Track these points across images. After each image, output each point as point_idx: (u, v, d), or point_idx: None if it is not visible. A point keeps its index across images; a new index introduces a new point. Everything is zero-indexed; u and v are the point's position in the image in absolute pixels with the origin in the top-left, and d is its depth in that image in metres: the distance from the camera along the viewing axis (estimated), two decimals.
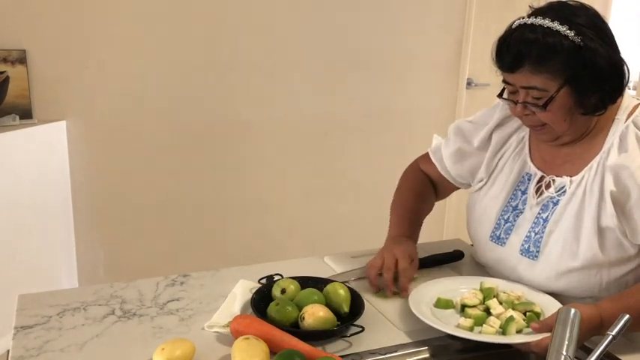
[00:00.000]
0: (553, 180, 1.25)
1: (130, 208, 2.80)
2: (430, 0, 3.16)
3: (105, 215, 2.76)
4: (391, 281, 1.26)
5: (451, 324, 1.12)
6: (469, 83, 3.52)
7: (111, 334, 1.09)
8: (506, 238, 1.28)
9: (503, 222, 1.30)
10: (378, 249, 1.39)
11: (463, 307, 1.17)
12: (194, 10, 2.70)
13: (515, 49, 1.13)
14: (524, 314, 1.13)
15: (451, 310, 1.19)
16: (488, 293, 1.20)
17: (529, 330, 1.08)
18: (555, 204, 1.23)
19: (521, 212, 1.28)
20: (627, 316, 0.79)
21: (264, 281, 1.25)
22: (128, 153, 2.74)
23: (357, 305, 1.15)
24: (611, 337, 0.78)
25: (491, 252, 1.33)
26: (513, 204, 1.30)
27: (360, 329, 1.08)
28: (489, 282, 1.25)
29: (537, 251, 1.22)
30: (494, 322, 1.11)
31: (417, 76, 3.26)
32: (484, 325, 1.11)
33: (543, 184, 1.26)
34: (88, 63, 2.58)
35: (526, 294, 1.22)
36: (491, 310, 1.14)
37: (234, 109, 2.89)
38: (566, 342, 0.78)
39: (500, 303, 1.17)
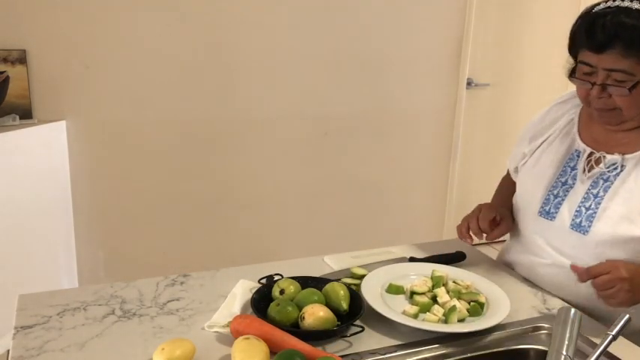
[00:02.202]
0: (604, 156, 1.26)
1: (130, 208, 2.80)
2: (430, 0, 3.16)
3: (105, 215, 2.76)
4: (476, 229, 1.37)
5: (399, 310, 1.15)
6: (469, 83, 3.52)
7: (111, 334, 1.08)
8: (556, 213, 1.30)
9: (552, 197, 1.32)
10: (378, 248, 1.39)
11: (412, 293, 1.21)
12: (194, 9, 2.70)
13: (612, 31, 1.13)
14: (469, 304, 1.17)
15: (401, 296, 1.22)
16: (437, 281, 1.24)
17: (471, 319, 1.14)
18: (606, 180, 1.24)
19: (572, 187, 1.29)
20: (627, 316, 0.79)
21: (264, 281, 1.25)
22: (128, 153, 2.75)
23: (356, 305, 1.15)
24: (610, 336, 0.77)
25: (539, 227, 1.33)
26: (562, 179, 1.32)
27: (360, 329, 1.08)
28: (440, 270, 1.29)
29: (589, 226, 1.23)
30: (437, 311, 1.15)
31: (417, 76, 3.26)
32: (427, 313, 1.15)
33: (593, 159, 1.28)
34: (88, 63, 2.59)
35: (475, 283, 1.26)
36: (438, 299, 1.18)
37: (234, 109, 2.89)
38: (566, 342, 0.78)
39: (448, 292, 1.20)
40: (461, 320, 1.14)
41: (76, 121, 2.62)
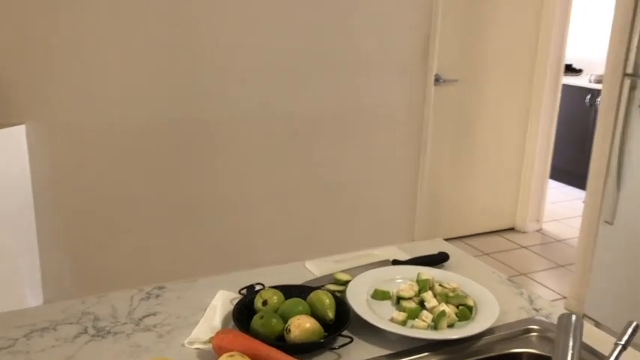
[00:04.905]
0: None
1: (97, 215, 2.70)
2: None
3: (70, 222, 2.66)
4: None
5: (386, 317, 1.12)
6: (437, 79, 3.53)
7: (84, 355, 1.02)
8: None
9: None
10: (354, 248, 1.34)
11: (399, 299, 1.18)
12: (160, 9, 2.61)
13: None
14: (458, 307, 1.15)
15: (388, 302, 1.19)
16: (423, 285, 1.21)
17: (461, 324, 1.11)
18: None
19: None
20: (635, 323, 0.76)
21: (244, 292, 1.20)
22: (92, 156, 2.65)
23: (342, 313, 1.11)
24: (620, 346, 0.75)
25: None
26: None
27: (349, 340, 1.04)
28: (426, 273, 1.26)
29: None
30: (426, 317, 1.12)
31: (385, 73, 3.24)
32: (416, 319, 1.12)
33: None
34: (48, 64, 2.48)
35: (462, 285, 1.24)
36: (426, 304, 1.16)
37: (201, 109, 2.82)
38: (570, 350, 0.75)
39: (435, 296, 1.18)
40: (450, 325, 1.11)
41: (37, 124, 2.51)
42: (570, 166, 5.18)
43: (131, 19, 2.58)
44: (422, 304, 1.17)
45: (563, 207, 4.72)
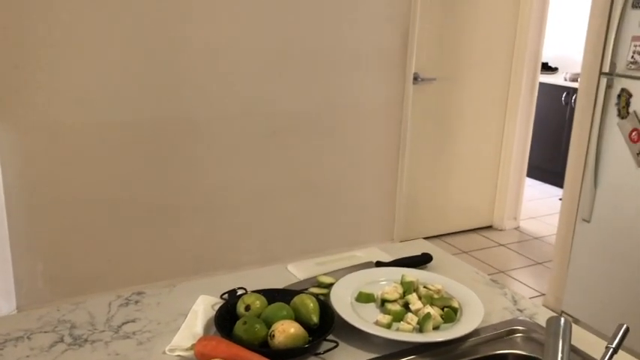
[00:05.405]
0: None
1: (70, 216, 2.65)
2: None
3: (42, 225, 2.60)
4: None
5: (371, 320, 1.11)
6: (415, 78, 3.53)
7: None
8: None
9: None
10: (335, 248, 1.33)
11: (383, 301, 1.17)
12: (134, 7, 2.56)
13: None
14: (442, 309, 1.14)
15: (372, 305, 1.18)
16: (407, 287, 1.21)
17: (446, 326, 1.10)
18: None
19: None
20: (625, 326, 0.76)
21: (226, 296, 1.17)
22: (66, 157, 2.59)
23: (327, 316, 1.10)
24: (611, 350, 0.74)
25: None
26: None
27: (334, 345, 1.03)
28: (410, 275, 1.25)
29: None
30: (411, 319, 1.11)
31: (364, 73, 3.24)
32: (401, 322, 1.11)
33: None
34: (18, 62, 2.41)
35: (446, 287, 1.23)
36: (410, 306, 1.15)
37: (178, 108, 2.77)
38: (560, 354, 0.75)
39: (420, 298, 1.17)
40: (435, 327, 1.10)
41: (7, 124, 2.44)
42: (546, 164, 5.24)
43: (109, 16, 2.53)
44: (406, 306, 1.16)
45: (540, 204, 4.78)
